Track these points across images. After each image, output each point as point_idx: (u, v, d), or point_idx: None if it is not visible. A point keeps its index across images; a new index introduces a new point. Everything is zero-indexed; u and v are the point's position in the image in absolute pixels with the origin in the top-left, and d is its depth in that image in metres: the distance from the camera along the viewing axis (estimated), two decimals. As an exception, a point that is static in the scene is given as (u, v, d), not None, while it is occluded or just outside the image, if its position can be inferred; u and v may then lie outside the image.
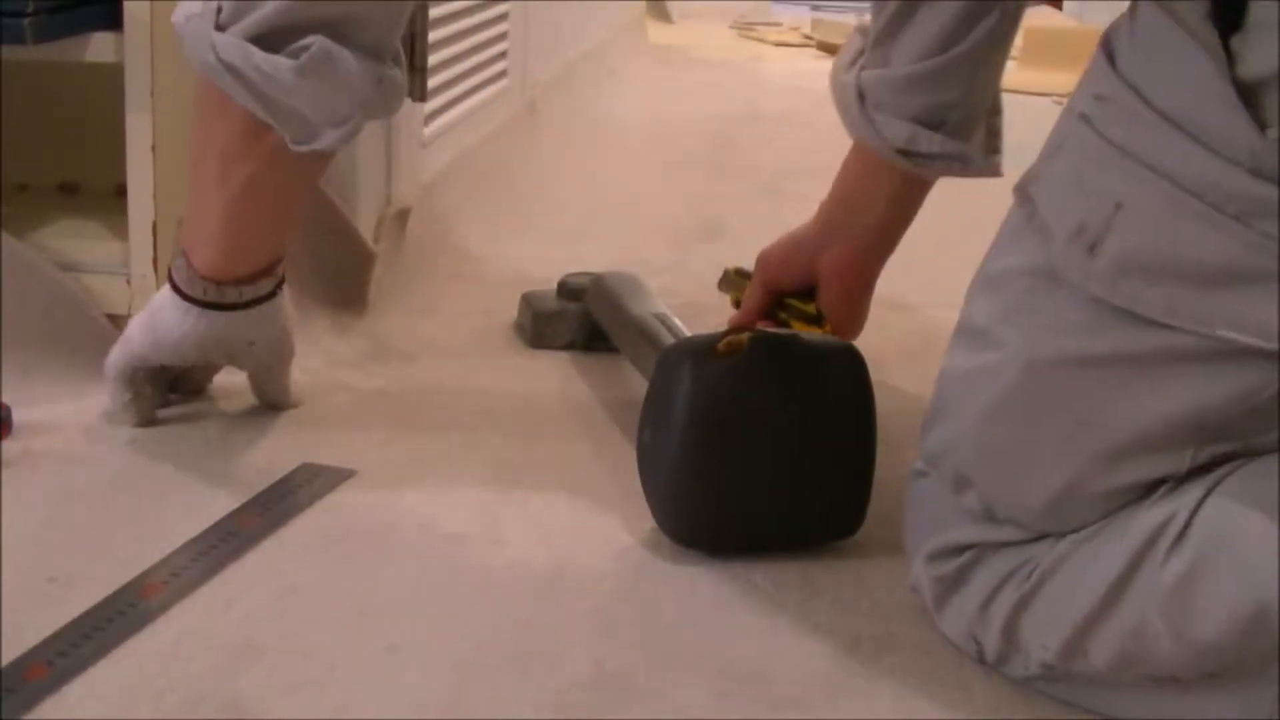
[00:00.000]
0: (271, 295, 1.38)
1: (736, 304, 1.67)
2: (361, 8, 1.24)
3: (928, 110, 1.43)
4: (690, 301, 1.81)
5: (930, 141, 1.43)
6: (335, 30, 1.23)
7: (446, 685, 1.01)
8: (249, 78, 1.23)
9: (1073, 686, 1.02)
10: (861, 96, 1.46)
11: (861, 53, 1.47)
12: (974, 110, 1.44)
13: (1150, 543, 0.94)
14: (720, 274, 1.72)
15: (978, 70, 1.42)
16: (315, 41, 1.22)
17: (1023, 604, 1.01)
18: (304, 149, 1.27)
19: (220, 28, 1.23)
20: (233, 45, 1.22)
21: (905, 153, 1.44)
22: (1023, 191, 1.03)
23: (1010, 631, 1.02)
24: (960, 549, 1.06)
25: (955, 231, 1.53)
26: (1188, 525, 0.93)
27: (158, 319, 1.37)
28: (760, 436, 1.18)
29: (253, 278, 1.36)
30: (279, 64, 1.22)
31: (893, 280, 1.55)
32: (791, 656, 1.06)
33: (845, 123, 1.50)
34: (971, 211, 1.17)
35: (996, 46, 1.42)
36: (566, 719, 0.98)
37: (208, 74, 1.25)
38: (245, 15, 1.22)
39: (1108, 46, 1.00)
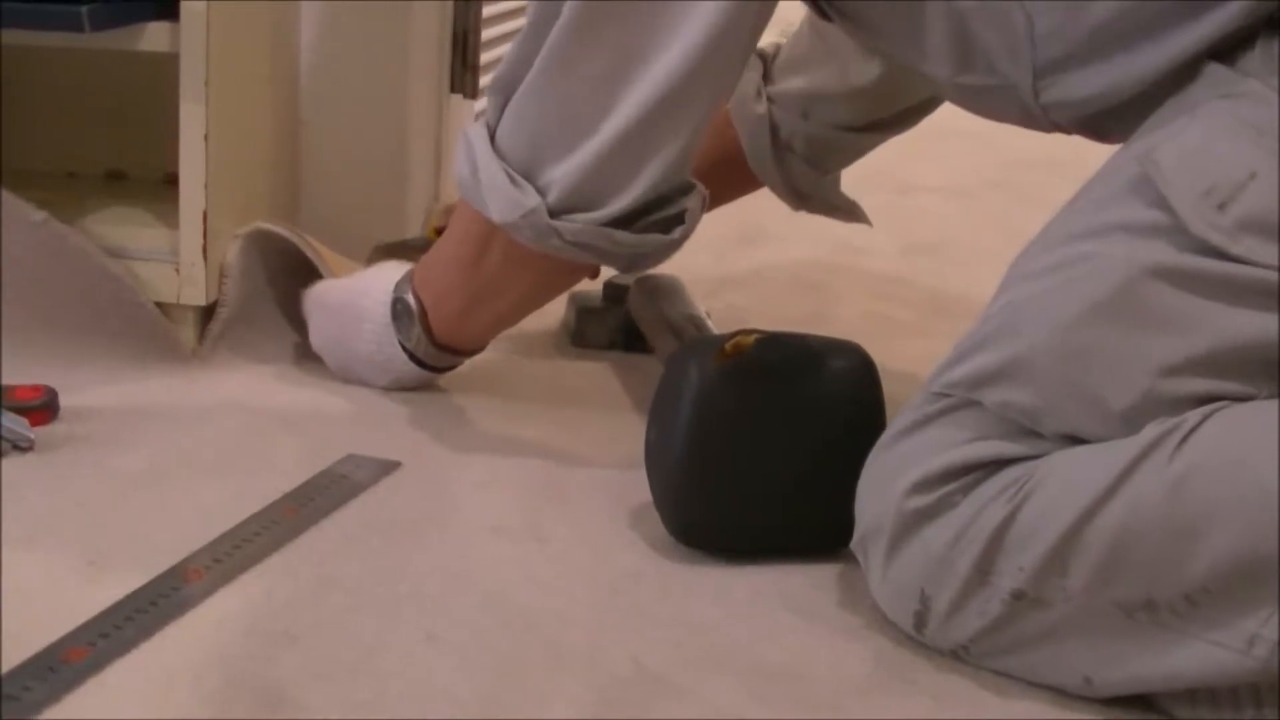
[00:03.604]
0: None
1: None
2: (692, 152, 1.29)
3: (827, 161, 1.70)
4: (733, 305, 1.82)
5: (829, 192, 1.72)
6: (682, 193, 1.31)
7: (483, 678, 1.01)
8: (610, 251, 1.30)
9: (1019, 648, 1.02)
10: (774, 130, 1.63)
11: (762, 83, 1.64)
12: None
13: (1161, 439, 0.98)
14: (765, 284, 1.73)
15: None
16: (684, 210, 1.31)
17: (1014, 514, 1.01)
18: (632, 272, 1.39)
19: (554, 214, 1.28)
20: (588, 231, 1.28)
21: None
22: (1146, 157, 1.05)
23: (988, 554, 1.01)
24: (958, 472, 1.04)
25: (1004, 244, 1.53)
26: (1197, 427, 0.97)
27: (394, 366, 1.47)
28: (764, 437, 1.17)
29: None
30: (650, 240, 1.31)
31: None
32: (828, 658, 1.06)
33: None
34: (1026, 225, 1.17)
35: None
36: (603, 715, 0.98)
37: (548, 252, 1.31)
38: (599, 206, 1.28)
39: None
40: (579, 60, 1.23)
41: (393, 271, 1.47)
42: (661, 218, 1.30)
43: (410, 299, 1.42)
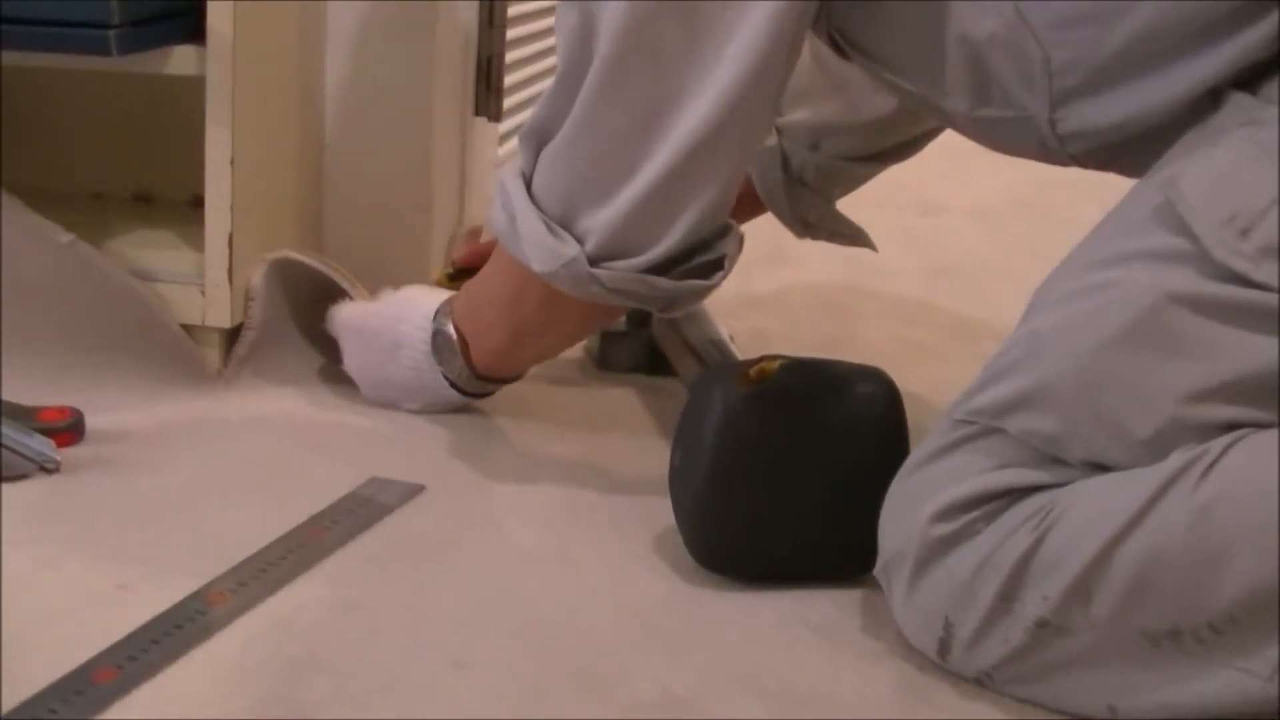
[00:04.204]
0: None
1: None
2: (728, 198, 1.28)
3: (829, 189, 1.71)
4: (756, 328, 1.82)
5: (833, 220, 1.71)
6: (719, 236, 1.30)
7: (510, 703, 1.01)
8: (649, 296, 1.29)
9: (1043, 676, 1.02)
10: (785, 162, 1.66)
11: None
12: None
13: (1186, 467, 0.98)
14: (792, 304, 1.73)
15: None
16: (721, 256, 1.29)
17: (1039, 543, 1.01)
18: (669, 314, 1.36)
19: (593, 262, 1.27)
20: (627, 279, 1.27)
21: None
22: (1169, 184, 1.05)
23: (1012, 582, 1.01)
24: (981, 500, 1.04)
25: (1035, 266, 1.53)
26: (1221, 455, 0.98)
27: (431, 392, 1.48)
28: (787, 463, 1.17)
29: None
30: (688, 285, 1.29)
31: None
32: (853, 683, 1.06)
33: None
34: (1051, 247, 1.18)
35: None
36: (628, 739, 0.99)
37: (590, 300, 1.30)
38: (638, 253, 1.26)
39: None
40: (612, 109, 1.23)
41: (427, 298, 1.48)
42: (701, 263, 1.29)
43: (451, 331, 1.43)
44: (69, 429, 1.35)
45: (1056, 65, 1.15)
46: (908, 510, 1.08)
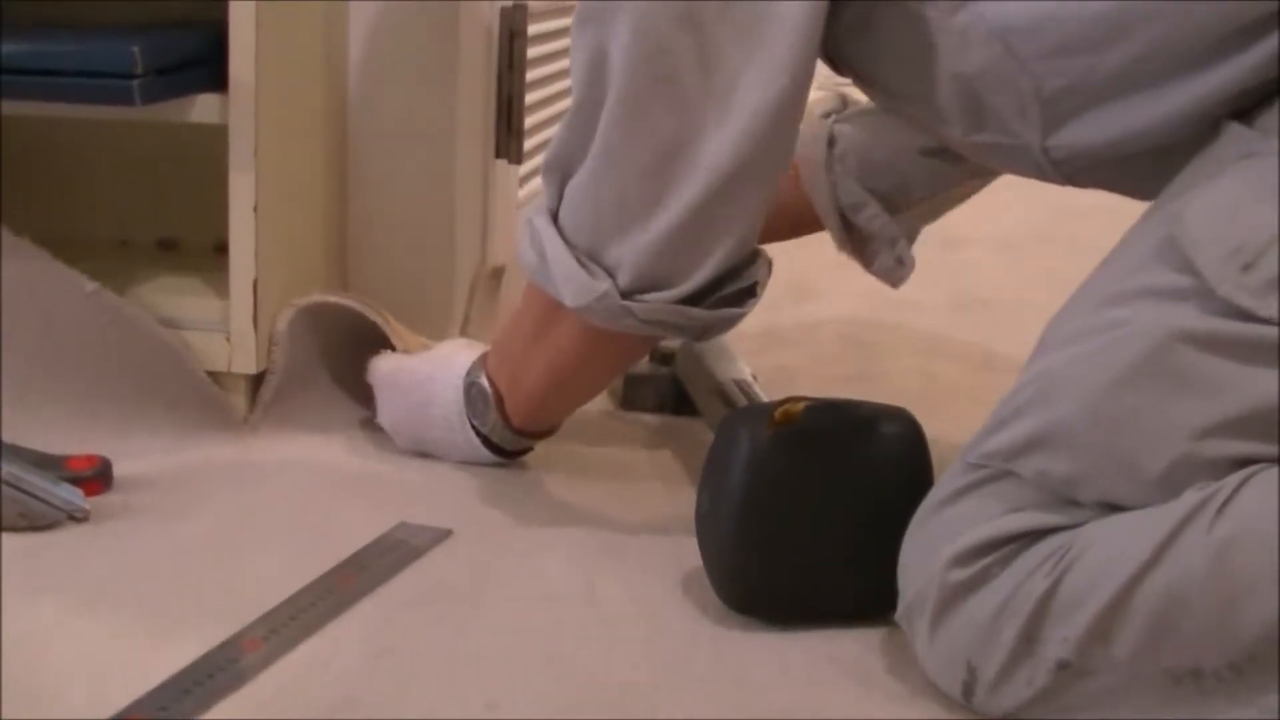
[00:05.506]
0: None
1: None
2: (758, 225, 1.27)
3: (890, 190, 1.57)
4: (780, 364, 1.82)
5: (872, 218, 1.57)
6: (749, 263, 1.29)
7: (542, 745, 1.02)
8: (684, 326, 1.29)
9: (1067, 716, 1.02)
10: (831, 141, 1.58)
11: (841, 109, 1.61)
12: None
13: (1200, 506, 0.98)
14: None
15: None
16: (753, 283, 1.29)
17: (1057, 585, 1.00)
18: (703, 341, 1.38)
19: (626, 295, 1.26)
20: (662, 310, 1.26)
21: (845, 217, 1.58)
22: (1172, 220, 1.05)
23: (1032, 625, 1.01)
24: (997, 544, 1.04)
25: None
26: (1235, 493, 0.98)
27: (460, 450, 1.49)
28: (815, 505, 1.17)
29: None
30: (724, 314, 1.29)
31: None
32: (883, 723, 1.07)
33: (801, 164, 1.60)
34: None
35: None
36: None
37: (623, 331, 1.29)
38: (671, 285, 1.26)
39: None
40: (633, 143, 1.22)
41: (462, 353, 1.48)
42: (734, 291, 1.29)
43: (485, 384, 1.43)
44: (97, 477, 1.36)
45: (1049, 94, 1.15)
46: (926, 555, 1.08)
